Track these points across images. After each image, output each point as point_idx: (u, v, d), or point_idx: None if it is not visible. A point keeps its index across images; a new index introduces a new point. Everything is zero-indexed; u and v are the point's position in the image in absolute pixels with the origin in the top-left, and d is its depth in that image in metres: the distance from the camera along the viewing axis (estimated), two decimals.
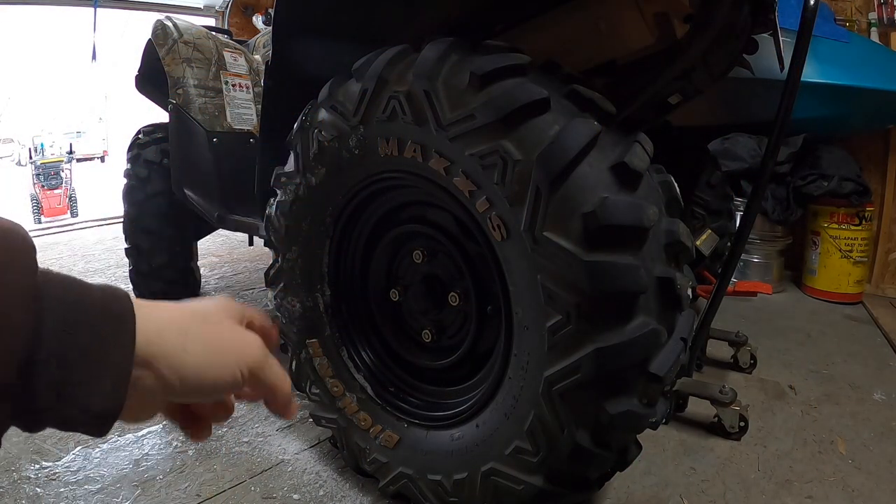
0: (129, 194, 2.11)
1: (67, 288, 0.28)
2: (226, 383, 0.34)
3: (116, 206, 2.43)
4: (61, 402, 0.27)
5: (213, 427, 0.40)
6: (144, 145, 2.15)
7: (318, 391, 1.12)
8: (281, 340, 1.16)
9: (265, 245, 1.15)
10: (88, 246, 3.72)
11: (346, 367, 1.09)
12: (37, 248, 0.28)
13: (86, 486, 1.14)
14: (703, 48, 0.89)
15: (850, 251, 2.33)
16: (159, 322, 0.32)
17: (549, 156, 0.73)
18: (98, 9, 4.29)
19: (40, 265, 0.27)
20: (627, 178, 0.74)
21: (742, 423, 1.30)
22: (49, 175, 7.35)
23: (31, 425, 0.28)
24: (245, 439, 1.32)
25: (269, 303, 1.16)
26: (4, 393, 0.25)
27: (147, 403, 0.32)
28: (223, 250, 3.36)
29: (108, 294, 0.30)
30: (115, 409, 0.29)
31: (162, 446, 1.29)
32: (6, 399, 0.26)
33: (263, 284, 1.17)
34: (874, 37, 2.43)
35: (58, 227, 5.01)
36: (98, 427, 0.29)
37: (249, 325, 0.40)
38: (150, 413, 0.33)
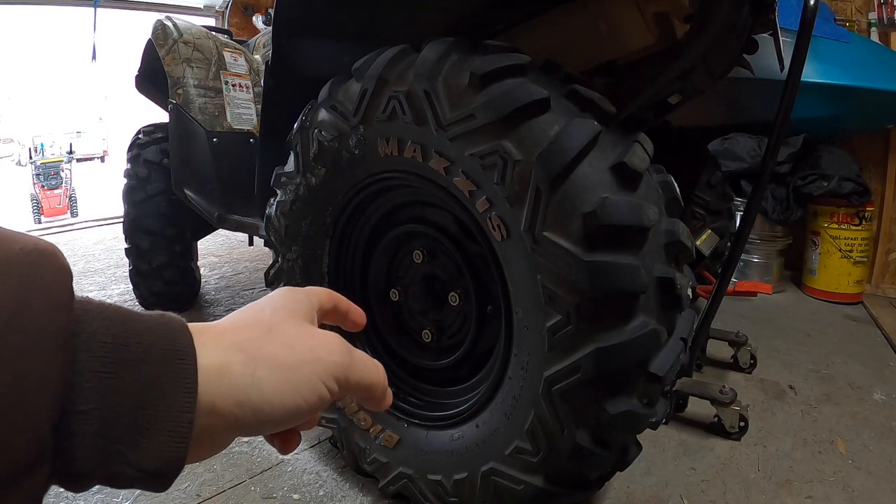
0: (129, 194, 2.11)
1: (111, 321, 0.23)
2: (311, 405, 0.28)
3: (116, 206, 2.43)
4: (109, 463, 0.22)
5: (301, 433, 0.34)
6: (144, 145, 2.15)
7: None
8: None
9: (265, 245, 1.15)
10: (88, 246, 3.71)
11: None
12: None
13: None
14: (703, 48, 0.89)
15: (850, 251, 2.33)
16: (219, 351, 0.26)
17: (549, 156, 0.73)
18: (98, 9, 4.29)
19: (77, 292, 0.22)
20: (627, 178, 0.74)
21: (742, 423, 1.30)
22: (49, 175, 7.35)
23: (76, 487, 0.23)
24: (245, 439, 1.32)
25: None
26: (45, 454, 0.20)
27: (216, 445, 0.27)
28: (223, 250, 3.36)
29: (162, 325, 0.24)
30: (176, 467, 0.24)
31: None
32: (43, 462, 0.20)
33: (263, 284, 1.17)
34: (874, 37, 2.43)
35: (58, 227, 5.01)
36: (157, 485, 0.24)
37: (321, 315, 0.34)
38: (219, 450, 0.28)
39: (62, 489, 0.23)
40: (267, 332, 0.28)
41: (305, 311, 0.31)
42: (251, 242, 2.49)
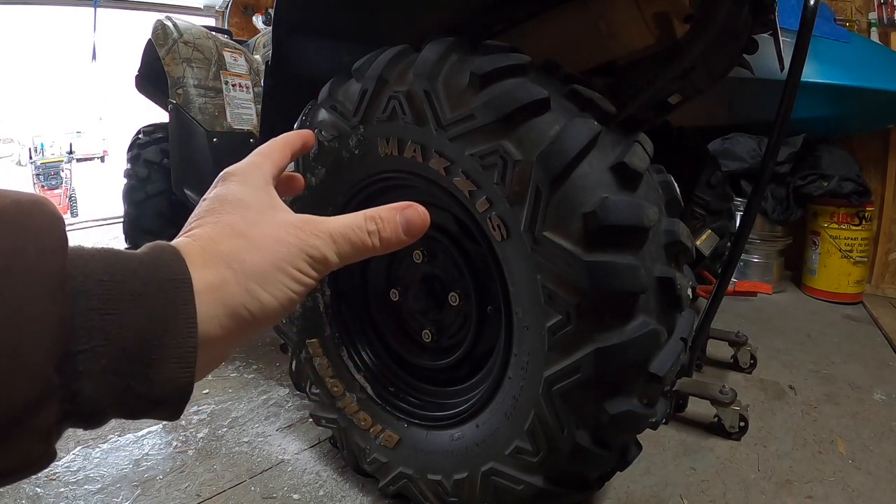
0: (129, 194, 2.11)
1: (106, 261, 0.24)
2: (300, 295, 0.30)
3: (116, 206, 2.43)
4: (121, 398, 0.23)
5: None
6: (144, 145, 2.15)
7: (318, 391, 1.12)
8: (281, 341, 1.16)
9: None
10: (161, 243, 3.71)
11: (346, 367, 1.09)
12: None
13: (86, 486, 1.14)
14: (703, 48, 0.89)
15: (850, 251, 2.33)
16: (210, 269, 0.27)
17: (549, 156, 0.73)
18: (98, 9, 4.29)
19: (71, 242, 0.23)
20: (627, 178, 0.74)
21: (742, 423, 1.30)
22: (49, 175, 7.36)
23: (91, 425, 0.24)
24: (245, 439, 1.32)
25: None
26: (50, 393, 0.21)
27: (216, 359, 0.28)
28: None
29: (155, 258, 0.25)
30: (186, 392, 0.25)
31: (162, 446, 1.29)
32: (52, 399, 0.21)
33: None
34: (874, 37, 2.43)
35: None
36: (170, 412, 0.25)
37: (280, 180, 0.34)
38: (218, 364, 0.29)
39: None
40: (243, 237, 0.29)
41: (264, 193, 0.33)
42: None
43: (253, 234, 0.29)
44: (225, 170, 0.34)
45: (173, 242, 0.27)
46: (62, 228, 0.23)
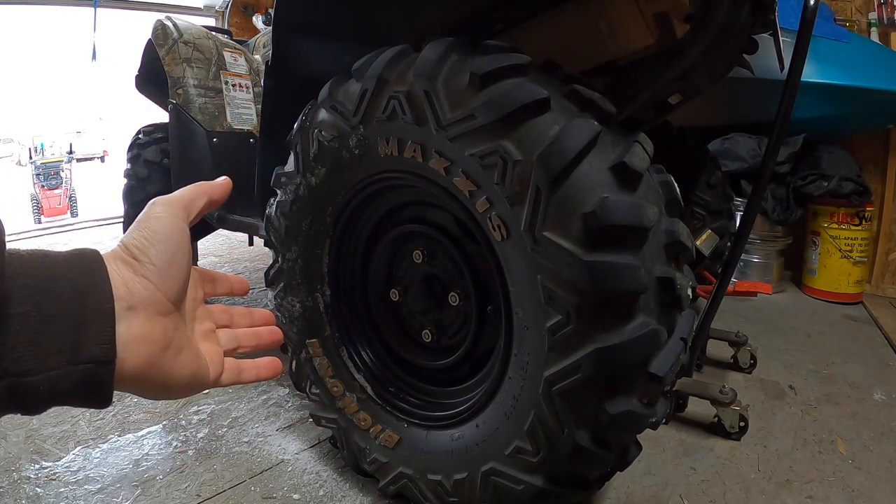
0: (129, 194, 2.11)
1: (37, 256, 0.29)
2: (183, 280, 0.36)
3: (116, 206, 2.43)
4: (47, 358, 0.27)
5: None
6: (144, 145, 2.15)
7: (318, 391, 1.12)
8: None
9: (265, 245, 1.15)
10: (88, 246, 3.71)
11: (346, 367, 1.09)
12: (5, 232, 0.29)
13: (86, 486, 1.14)
14: (703, 48, 0.89)
15: (850, 251, 2.33)
16: (124, 264, 0.33)
17: (549, 156, 0.73)
18: (98, 9, 4.29)
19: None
20: (627, 178, 0.74)
21: (742, 423, 1.30)
22: (49, 175, 7.34)
23: (23, 396, 0.27)
24: (245, 439, 1.32)
25: (269, 303, 1.16)
26: None
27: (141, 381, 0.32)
28: (223, 250, 3.35)
29: (77, 253, 0.31)
30: (108, 353, 0.29)
31: (162, 446, 1.29)
32: None
33: (263, 284, 1.17)
34: (874, 37, 2.43)
35: (58, 227, 5.01)
36: (97, 385, 0.29)
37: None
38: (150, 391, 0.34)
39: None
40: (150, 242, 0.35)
41: (178, 218, 0.39)
42: (251, 242, 2.49)
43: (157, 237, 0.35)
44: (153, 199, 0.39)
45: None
46: (1, 231, 0.27)
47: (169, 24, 1.93)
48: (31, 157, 7.97)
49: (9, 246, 0.28)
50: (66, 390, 0.28)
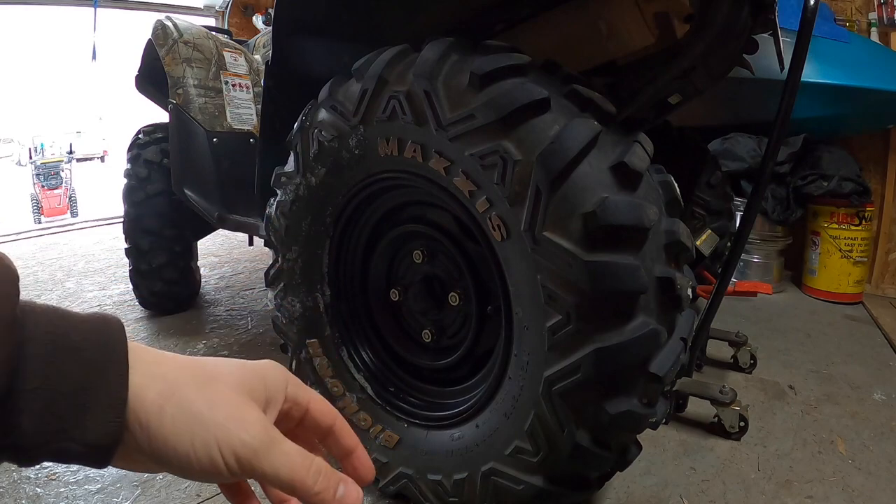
0: (129, 194, 2.11)
1: (54, 315, 0.26)
2: (203, 467, 0.27)
3: (116, 206, 2.43)
4: (55, 438, 0.25)
5: None
6: (144, 145, 2.15)
7: (318, 391, 1.12)
8: (281, 341, 1.16)
9: (265, 245, 1.15)
10: (88, 246, 3.72)
11: (346, 367, 1.09)
12: (20, 275, 0.26)
13: (86, 486, 1.14)
14: (703, 48, 0.89)
15: (850, 251, 2.33)
16: (145, 376, 0.28)
17: (549, 156, 0.73)
18: (98, 9, 4.29)
19: (25, 291, 0.26)
20: (627, 178, 0.74)
21: (742, 423, 1.30)
22: (49, 175, 7.35)
23: (23, 460, 0.26)
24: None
25: (269, 303, 1.16)
26: None
27: (134, 460, 0.29)
28: (223, 250, 3.36)
29: (98, 321, 0.28)
30: (114, 439, 0.26)
31: None
32: None
33: (263, 284, 1.17)
34: (874, 37, 2.43)
35: (58, 227, 5.01)
36: (97, 459, 0.27)
37: (291, 415, 0.34)
38: (145, 468, 0.29)
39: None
40: (202, 382, 0.29)
41: (258, 395, 0.31)
42: (251, 242, 2.48)
43: (214, 387, 0.29)
44: None
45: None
46: (15, 279, 0.26)
47: (169, 24, 1.93)
48: (31, 157, 7.98)
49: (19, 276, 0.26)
50: (66, 458, 0.26)
